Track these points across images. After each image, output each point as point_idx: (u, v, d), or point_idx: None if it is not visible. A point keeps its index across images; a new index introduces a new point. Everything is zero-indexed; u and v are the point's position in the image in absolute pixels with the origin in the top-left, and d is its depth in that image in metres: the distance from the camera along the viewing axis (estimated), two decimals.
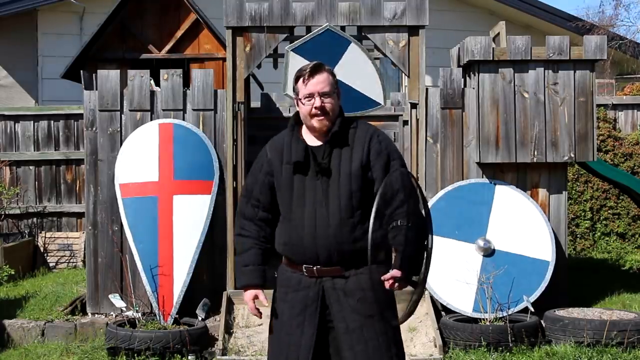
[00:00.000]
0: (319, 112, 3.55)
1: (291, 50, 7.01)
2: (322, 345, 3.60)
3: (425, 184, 7.07)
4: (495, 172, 7.13)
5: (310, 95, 3.55)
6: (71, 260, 9.53)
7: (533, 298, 6.56)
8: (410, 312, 3.65)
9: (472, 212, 6.90)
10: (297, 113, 3.70)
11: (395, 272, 3.49)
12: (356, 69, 7.03)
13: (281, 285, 3.69)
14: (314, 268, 3.56)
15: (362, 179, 3.55)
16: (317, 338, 3.57)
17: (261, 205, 3.69)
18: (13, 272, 8.40)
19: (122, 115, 7.18)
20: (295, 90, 3.65)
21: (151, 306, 6.79)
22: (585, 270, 8.82)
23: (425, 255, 3.54)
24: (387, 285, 3.49)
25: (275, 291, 3.74)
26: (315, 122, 3.57)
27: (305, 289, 3.59)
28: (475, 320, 6.47)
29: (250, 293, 3.66)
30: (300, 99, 3.60)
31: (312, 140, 3.64)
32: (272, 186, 3.66)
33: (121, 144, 7.11)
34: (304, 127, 3.68)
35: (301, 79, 3.59)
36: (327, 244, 3.51)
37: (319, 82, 3.56)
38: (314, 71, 3.58)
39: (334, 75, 3.64)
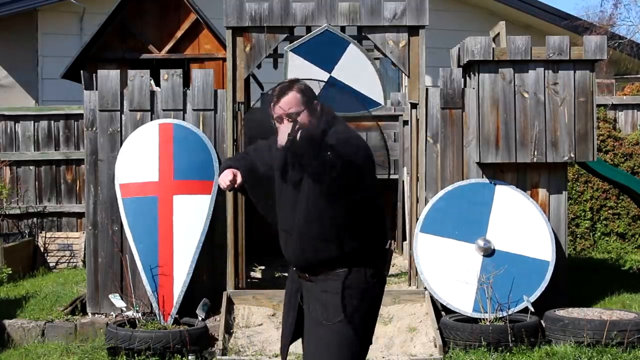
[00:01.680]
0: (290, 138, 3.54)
1: (290, 50, 7.01)
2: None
3: (425, 184, 7.08)
4: (495, 172, 7.13)
5: (280, 118, 3.57)
6: (71, 260, 9.53)
7: (533, 298, 6.56)
8: None
9: (472, 212, 6.90)
10: None
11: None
12: (356, 70, 7.02)
13: (289, 271, 3.91)
14: (294, 268, 3.77)
15: (325, 185, 3.48)
16: (300, 328, 3.76)
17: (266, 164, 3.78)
18: (11, 272, 8.39)
19: (122, 115, 7.18)
20: (269, 114, 3.69)
21: (151, 306, 6.79)
22: (585, 270, 8.82)
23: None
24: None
25: None
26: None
27: (292, 283, 3.82)
28: (475, 320, 6.47)
29: (229, 171, 3.72)
30: (273, 123, 3.63)
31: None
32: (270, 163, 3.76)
33: (121, 144, 7.11)
34: None
35: (271, 104, 3.62)
36: (295, 250, 3.64)
37: (285, 103, 3.56)
38: (280, 95, 3.58)
39: (304, 92, 3.60)
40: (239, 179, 3.70)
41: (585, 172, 9.92)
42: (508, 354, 6.10)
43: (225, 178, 3.69)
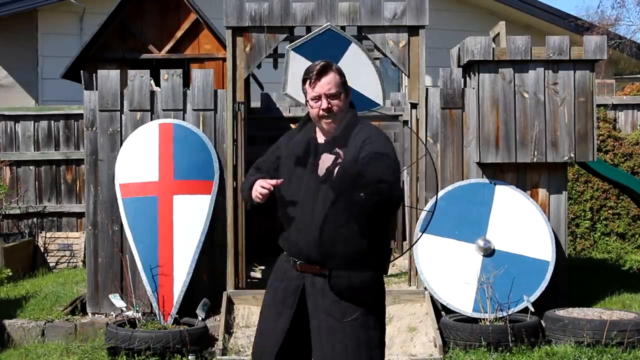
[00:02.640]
0: (326, 114, 3.55)
1: (292, 49, 7.01)
2: (301, 337, 3.60)
3: (425, 184, 7.07)
4: (495, 172, 7.13)
5: (318, 98, 3.55)
6: (71, 260, 9.53)
7: (533, 298, 6.56)
8: None
9: (472, 212, 6.90)
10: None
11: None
12: (356, 69, 7.02)
13: (274, 271, 3.75)
14: (298, 262, 3.58)
15: (351, 181, 3.41)
16: (294, 330, 3.58)
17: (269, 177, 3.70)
18: (11, 274, 8.38)
19: (122, 115, 7.18)
20: (303, 91, 3.66)
21: (151, 306, 6.79)
22: (585, 270, 8.82)
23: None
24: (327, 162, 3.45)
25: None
26: (323, 124, 3.58)
27: (289, 280, 3.63)
28: (475, 320, 6.47)
29: (260, 180, 3.59)
30: (308, 101, 3.62)
31: (322, 138, 3.64)
32: (277, 169, 3.70)
33: (121, 144, 7.11)
34: None
35: (308, 82, 3.60)
36: (308, 241, 3.50)
37: (326, 83, 3.55)
38: (321, 73, 3.57)
39: (341, 74, 3.62)
40: (272, 181, 3.56)
41: (585, 172, 9.92)
42: (508, 354, 6.10)
43: (264, 184, 3.54)
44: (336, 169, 3.41)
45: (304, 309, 3.59)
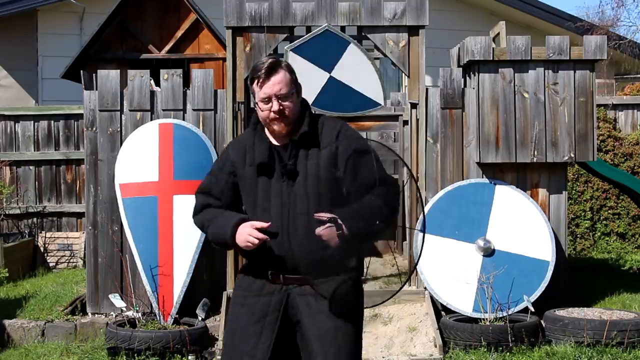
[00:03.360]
0: (277, 116, 3.30)
1: (290, 50, 7.01)
2: (283, 357, 3.37)
3: (425, 184, 7.07)
4: (495, 172, 7.13)
5: (267, 99, 3.29)
6: (71, 260, 9.53)
7: (533, 298, 6.56)
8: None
9: (472, 212, 6.90)
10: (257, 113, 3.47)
11: (333, 215, 3.18)
12: (356, 69, 7.02)
13: (241, 288, 3.45)
14: (281, 275, 3.33)
15: (331, 180, 3.30)
16: (277, 349, 3.32)
17: (223, 205, 3.45)
18: (7, 274, 8.38)
19: (122, 115, 7.18)
20: (251, 92, 3.39)
21: (151, 306, 6.79)
22: (585, 270, 8.82)
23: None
24: (320, 229, 3.18)
25: (233, 296, 3.52)
26: (275, 126, 3.33)
27: (268, 296, 3.35)
28: (475, 320, 6.47)
29: (247, 223, 3.30)
30: (257, 103, 3.34)
31: (276, 140, 3.40)
32: (235, 186, 3.44)
33: (121, 144, 7.11)
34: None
35: (256, 81, 3.32)
36: (294, 250, 3.26)
37: (276, 83, 3.29)
38: (269, 72, 3.29)
39: (292, 72, 3.36)
40: (261, 223, 3.28)
41: (585, 172, 9.92)
42: (508, 354, 6.10)
43: (256, 234, 3.25)
44: (335, 242, 3.18)
45: (287, 324, 3.35)
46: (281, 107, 3.30)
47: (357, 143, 3.35)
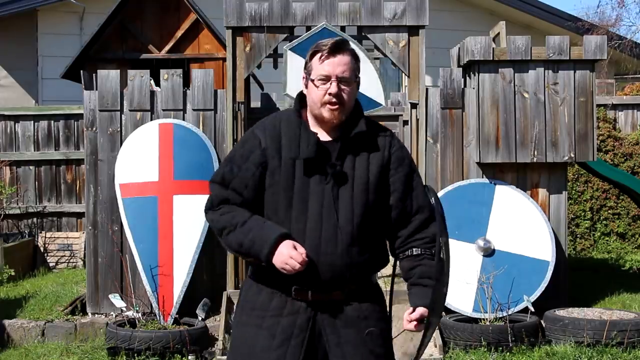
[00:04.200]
0: (333, 99, 2.86)
1: (289, 49, 7.01)
2: None
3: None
4: (495, 172, 7.13)
5: (326, 78, 2.86)
6: (71, 260, 9.53)
7: (533, 298, 6.56)
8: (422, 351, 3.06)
9: (472, 212, 6.90)
10: (301, 94, 2.99)
11: (424, 312, 2.89)
12: None
13: (253, 307, 2.94)
14: (309, 291, 2.86)
15: (380, 189, 2.92)
16: None
17: (243, 201, 2.93)
18: (13, 273, 8.40)
19: (122, 115, 7.18)
20: (307, 68, 2.94)
21: (151, 306, 6.79)
22: (585, 270, 8.82)
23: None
24: (411, 326, 2.89)
25: (236, 314, 3.04)
26: (325, 112, 2.88)
27: (292, 315, 2.88)
28: (475, 320, 6.47)
29: (289, 242, 2.81)
30: (312, 80, 2.89)
31: (319, 133, 2.93)
32: (262, 181, 2.91)
33: (121, 144, 7.11)
34: (308, 113, 2.97)
35: (318, 55, 2.89)
36: (334, 264, 2.83)
37: (340, 63, 2.87)
38: (336, 49, 2.87)
39: (357, 59, 2.95)
40: (300, 249, 2.82)
41: (585, 172, 9.92)
42: (508, 354, 6.10)
43: (301, 257, 2.79)
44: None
45: (312, 349, 2.90)
46: (339, 91, 2.86)
47: (410, 158, 3.06)
